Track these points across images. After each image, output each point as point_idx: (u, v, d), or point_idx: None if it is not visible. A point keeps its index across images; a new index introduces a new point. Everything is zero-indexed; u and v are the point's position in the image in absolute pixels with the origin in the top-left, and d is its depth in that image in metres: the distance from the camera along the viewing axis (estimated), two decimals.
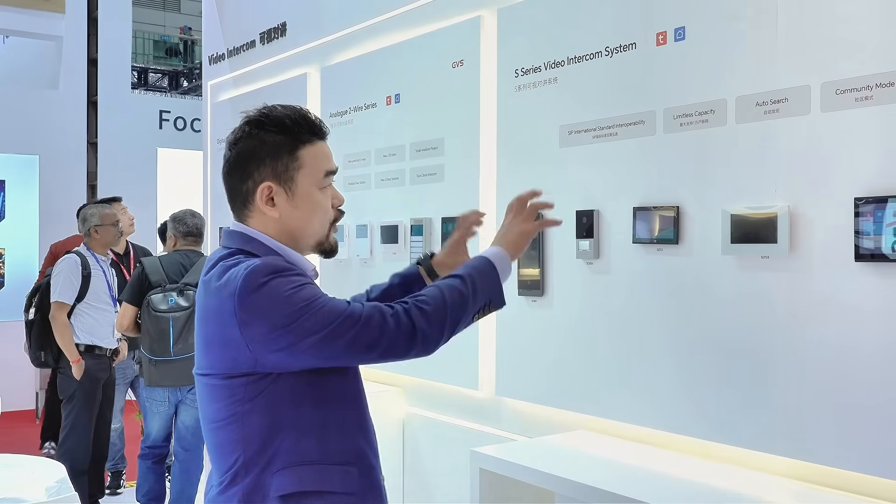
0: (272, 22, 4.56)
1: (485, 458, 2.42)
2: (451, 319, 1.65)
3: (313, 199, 1.68)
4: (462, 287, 1.69)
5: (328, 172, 1.70)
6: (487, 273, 1.75)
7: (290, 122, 1.68)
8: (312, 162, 1.68)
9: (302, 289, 1.57)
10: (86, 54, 10.26)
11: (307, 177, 1.67)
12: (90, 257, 4.86)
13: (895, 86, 1.89)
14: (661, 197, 2.41)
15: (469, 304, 1.69)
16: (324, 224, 1.71)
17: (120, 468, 5.57)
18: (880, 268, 1.91)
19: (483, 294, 1.72)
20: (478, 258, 1.80)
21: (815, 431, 2.04)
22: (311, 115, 1.73)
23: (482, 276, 1.74)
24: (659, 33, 2.41)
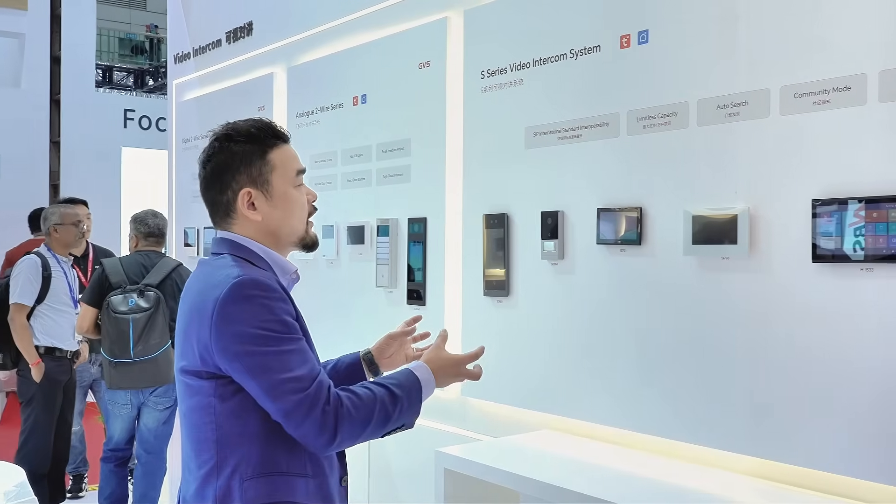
0: (238, 21, 4.53)
1: (449, 458, 2.43)
2: (365, 438, 1.72)
3: (290, 197, 1.79)
4: (391, 410, 1.73)
5: (299, 171, 1.82)
6: (415, 402, 1.80)
7: (255, 130, 1.78)
8: (283, 163, 1.78)
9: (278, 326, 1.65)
10: (48, 52, 10.12)
11: (281, 177, 1.78)
12: (51, 258, 4.78)
13: (852, 90, 1.93)
14: (624, 198, 2.43)
15: (388, 426, 1.75)
16: (302, 219, 1.83)
17: (82, 471, 5.49)
18: (837, 268, 1.95)
19: (403, 418, 1.77)
20: (413, 380, 1.81)
21: (776, 430, 2.07)
22: (272, 123, 1.84)
23: (410, 403, 1.78)
24: (623, 36, 2.44)
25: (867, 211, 1.88)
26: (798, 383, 2.02)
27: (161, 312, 4.08)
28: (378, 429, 1.72)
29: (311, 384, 1.62)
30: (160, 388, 4.17)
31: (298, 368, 1.63)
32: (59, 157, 10.19)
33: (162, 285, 4.14)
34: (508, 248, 2.79)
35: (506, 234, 2.78)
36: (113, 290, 4.10)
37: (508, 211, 2.79)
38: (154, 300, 4.08)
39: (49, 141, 10.07)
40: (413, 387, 1.79)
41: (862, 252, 1.89)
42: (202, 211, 4.99)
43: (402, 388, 1.76)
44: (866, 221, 1.88)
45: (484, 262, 2.86)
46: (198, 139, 4.88)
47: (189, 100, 5.01)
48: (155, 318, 4.07)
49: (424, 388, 1.81)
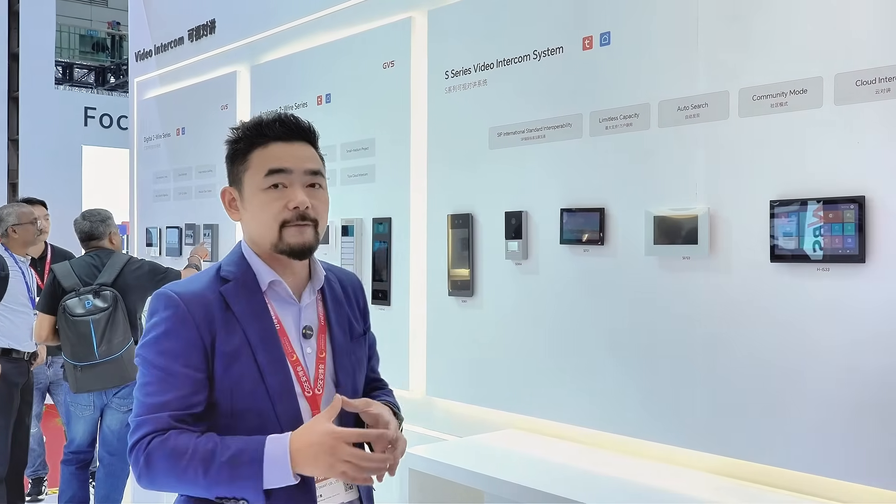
0: (201, 19, 4.49)
1: (415, 458, 2.43)
2: (171, 486, 1.55)
3: (254, 202, 1.64)
4: (201, 477, 1.49)
5: (270, 171, 1.62)
6: (245, 478, 1.49)
7: (251, 126, 1.67)
8: (258, 163, 1.64)
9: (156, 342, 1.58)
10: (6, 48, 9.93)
11: (251, 178, 1.64)
12: (8, 258, 4.70)
13: (808, 92, 1.97)
14: (587, 198, 2.45)
15: (207, 492, 1.52)
16: (268, 225, 1.62)
17: (41, 475, 5.40)
18: (795, 268, 1.98)
19: (232, 490, 1.50)
20: (257, 454, 1.50)
21: (738, 428, 2.10)
22: (267, 119, 1.67)
23: (235, 477, 1.49)
24: (585, 38, 2.46)
25: (823, 212, 1.92)
26: (759, 381, 2.06)
27: (120, 310, 4.02)
28: (190, 486, 1.51)
29: (154, 414, 1.54)
30: (124, 389, 4.11)
31: (153, 396, 1.56)
32: (17, 156, 10.01)
33: (116, 283, 4.08)
34: (473, 248, 2.79)
35: (470, 234, 2.79)
36: (67, 294, 4.03)
37: (473, 211, 2.80)
38: (111, 299, 4.02)
39: (7, 139, 9.89)
40: (251, 456, 1.49)
41: (821, 252, 1.93)
42: (164, 210, 4.96)
43: (236, 454, 1.49)
44: (823, 222, 1.92)
45: (449, 262, 2.87)
46: (160, 138, 4.83)
47: (151, 98, 4.96)
48: (115, 317, 4.01)
49: (268, 464, 1.48)
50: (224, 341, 1.59)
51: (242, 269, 1.66)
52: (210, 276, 1.65)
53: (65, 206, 7.79)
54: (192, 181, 4.50)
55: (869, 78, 1.87)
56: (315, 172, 1.65)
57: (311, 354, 1.68)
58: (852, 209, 1.87)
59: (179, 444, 1.50)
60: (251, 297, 1.63)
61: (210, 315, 1.59)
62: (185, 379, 1.56)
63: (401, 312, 3.09)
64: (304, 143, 1.68)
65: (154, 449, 1.51)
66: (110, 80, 16.32)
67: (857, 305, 1.89)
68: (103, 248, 4.27)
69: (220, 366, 1.58)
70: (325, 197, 1.68)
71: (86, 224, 4.29)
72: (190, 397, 1.55)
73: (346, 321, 1.76)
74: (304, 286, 1.71)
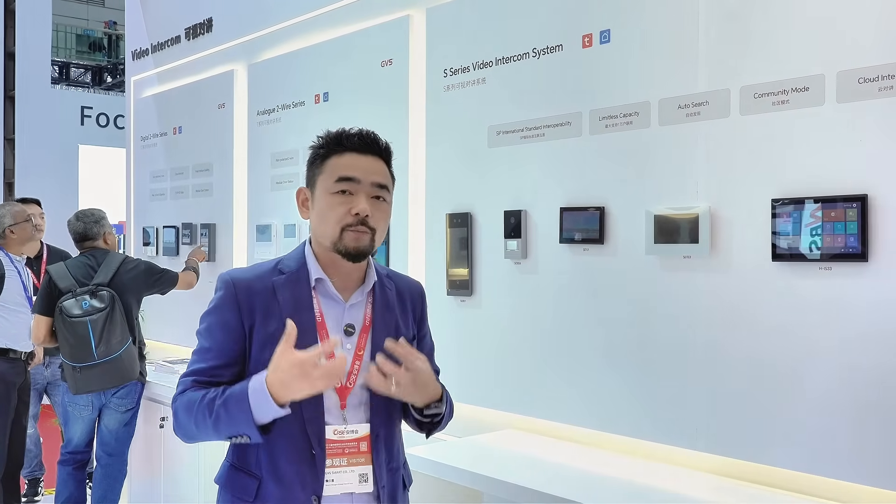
0: (198, 17, 4.47)
1: (413, 458, 2.41)
2: (200, 438, 1.73)
3: (322, 203, 1.76)
4: (207, 414, 1.67)
5: (340, 178, 1.74)
6: (237, 410, 1.63)
7: (333, 136, 1.81)
8: (331, 169, 1.77)
9: (209, 316, 1.78)
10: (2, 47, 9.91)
11: (323, 182, 1.77)
12: (4, 258, 4.68)
13: (810, 91, 1.95)
14: (587, 197, 2.43)
15: (215, 432, 1.68)
16: (333, 227, 1.74)
17: (37, 475, 5.38)
18: (796, 267, 1.97)
19: (231, 426, 1.65)
20: (243, 387, 1.64)
21: (738, 428, 2.09)
22: (349, 130, 1.82)
23: (231, 411, 1.64)
24: (585, 35, 2.44)
25: (824, 211, 1.91)
26: (759, 381, 2.04)
27: (118, 310, 4.00)
28: (205, 431, 1.69)
29: (186, 377, 1.75)
30: (122, 389, 4.09)
31: (192, 364, 1.77)
32: (13, 155, 9.99)
33: (112, 282, 4.06)
34: (472, 247, 2.78)
35: (469, 234, 2.78)
36: (63, 295, 4.01)
37: (472, 210, 2.79)
38: (108, 299, 3.99)
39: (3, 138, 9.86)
40: (239, 394, 1.64)
41: (818, 251, 1.91)
42: (161, 210, 4.94)
43: (228, 395, 1.65)
44: (824, 221, 1.91)
45: (447, 261, 2.86)
46: (157, 137, 4.81)
47: (147, 97, 4.93)
48: (113, 317, 3.98)
49: (252, 395, 1.61)
50: (263, 325, 1.73)
51: (299, 265, 1.80)
52: (269, 267, 1.81)
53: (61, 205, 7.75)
54: (188, 180, 4.48)
55: (871, 76, 1.86)
56: (381, 186, 1.78)
57: (350, 351, 1.78)
58: (854, 208, 1.86)
59: (193, 396, 1.70)
60: (299, 290, 1.77)
61: (255, 300, 1.75)
62: (217, 353, 1.74)
63: None
64: (377, 159, 1.81)
65: (177, 405, 1.72)
66: (107, 80, 16.29)
67: (859, 304, 1.88)
68: (98, 249, 4.24)
69: (256, 347, 1.73)
70: (388, 210, 1.81)
71: (79, 225, 4.26)
72: (218, 369, 1.73)
73: (393, 325, 1.85)
74: (356, 287, 1.82)
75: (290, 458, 1.72)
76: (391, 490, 1.79)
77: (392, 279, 1.92)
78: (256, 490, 1.73)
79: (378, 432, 1.76)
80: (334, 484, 1.72)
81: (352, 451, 1.74)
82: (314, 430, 1.72)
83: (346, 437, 1.74)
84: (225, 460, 1.82)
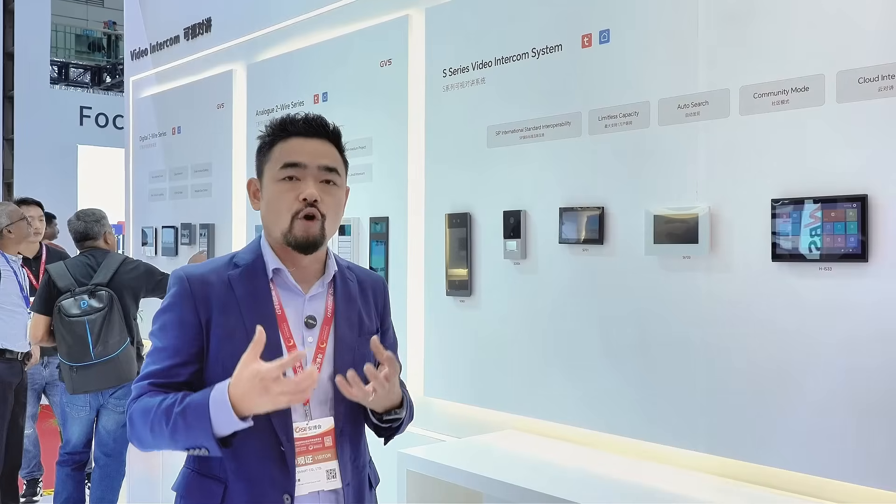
0: (197, 17, 4.46)
1: (412, 459, 2.41)
2: (157, 447, 1.64)
3: (270, 191, 1.72)
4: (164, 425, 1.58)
5: (285, 164, 1.69)
6: (196, 421, 1.55)
7: (278, 122, 1.76)
8: (277, 156, 1.72)
9: (162, 315, 1.72)
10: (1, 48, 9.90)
11: (270, 170, 1.72)
12: (0, 258, 4.68)
13: (810, 90, 1.95)
14: (586, 197, 2.43)
15: (171, 443, 1.60)
16: (281, 215, 1.69)
17: (36, 476, 5.38)
18: (796, 267, 1.96)
19: (189, 438, 1.57)
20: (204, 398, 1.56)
21: (739, 429, 2.08)
22: (294, 116, 1.76)
23: (189, 423, 1.56)
24: (584, 35, 2.44)
25: (824, 211, 1.90)
26: (760, 381, 2.04)
27: (116, 310, 4.00)
28: (162, 440, 1.59)
29: (141, 381, 1.67)
30: (120, 389, 4.08)
31: (147, 367, 1.70)
32: (12, 156, 9.98)
33: (112, 283, 4.05)
34: (471, 247, 2.77)
35: (468, 234, 2.77)
36: (62, 295, 4.00)
37: (471, 210, 2.78)
38: (107, 299, 3.99)
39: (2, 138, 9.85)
40: (199, 404, 1.55)
41: (818, 252, 1.91)
42: (160, 210, 4.94)
43: (188, 404, 1.57)
44: (824, 221, 1.90)
45: (446, 261, 2.85)
46: (156, 137, 4.80)
47: (146, 97, 4.93)
48: (111, 317, 3.98)
49: (213, 405, 1.53)
50: (220, 320, 1.68)
51: (254, 257, 1.75)
52: (223, 262, 1.76)
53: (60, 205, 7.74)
54: (187, 180, 4.47)
55: (871, 75, 1.85)
56: (330, 169, 1.73)
57: (312, 344, 1.73)
58: (854, 208, 1.86)
59: (149, 402, 1.62)
60: (255, 283, 1.72)
61: (211, 295, 1.69)
62: (174, 351, 1.67)
63: (398, 312, 3.05)
64: (325, 141, 1.75)
65: (133, 411, 1.64)
66: (106, 80, 16.28)
67: (860, 305, 1.87)
68: (98, 248, 4.24)
69: (214, 344, 1.67)
70: (339, 195, 1.76)
71: (80, 224, 4.26)
72: (175, 368, 1.66)
73: (356, 317, 1.80)
74: (316, 279, 1.77)
75: (258, 457, 1.65)
76: (357, 487, 1.75)
77: (353, 271, 1.86)
78: (223, 495, 1.65)
79: (342, 427, 1.72)
80: (302, 483, 1.67)
81: (317, 447, 1.69)
82: (281, 424, 1.66)
83: (309, 433, 1.69)
84: (184, 466, 1.74)
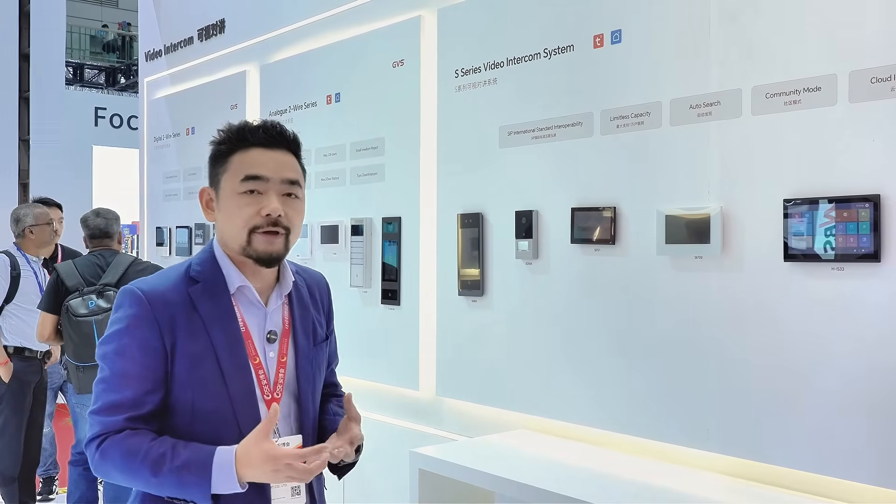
0: (211, 18, 4.49)
1: (424, 458, 2.42)
2: (122, 481, 1.58)
3: (229, 204, 1.64)
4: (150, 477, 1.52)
5: (246, 177, 1.62)
6: (193, 482, 1.52)
7: (235, 129, 1.69)
8: (236, 167, 1.65)
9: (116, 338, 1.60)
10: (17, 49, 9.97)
11: (228, 181, 1.65)
12: (20, 258, 4.72)
13: (822, 90, 1.95)
14: (598, 197, 2.43)
15: (145, 486, 1.56)
16: (240, 229, 1.62)
17: (52, 474, 5.41)
18: (808, 267, 1.96)
19: (179, 492, 1.53)
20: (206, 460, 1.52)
21: (751, 429, 2.08)
22: (251, 123, 1.70)
23: (185, 482, 1.52)
24: (596, 36, 2.44)
25: (837, 211, 1.90)
26: (772, 382, 2.04)
27: None
28: (141, 484, 1.55)
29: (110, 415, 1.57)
30: None
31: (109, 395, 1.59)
32: (28, 156, 10.05)
33: (120, 283, 4.07)
34: (483, 247, 2.78)
35: (480, 234, 2.78)
36: (70, 294, 4.02)
37: (483, 210, 2.79)
38: (114, 299, 4.02)
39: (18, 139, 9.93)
40: (200, 465, 1.51)
41: (832, 252, 1.91)
42: (174, 210, 4.96)
43: (187, 462, 1.52)
44: (836, 221, 1.90)
45: (459, 261, 2.86)
46: (170, 137, 4.83)
47: (160, 98, 4.96)
48: None
49: (216, 475, 1.51)
50: (187, 343, 1.59)
51: (212, 271, 1.66)
52: (179, 276, 1.65)
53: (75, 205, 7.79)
54: (201, 181, 4.50)
55: (884, 75, 1.85)
56: (292, 182, 1.66)
57: (273, 359, 1.69)
58: (867, 208, 1.85)
59: (133, 445, 1.54)
60: (219, 300, 1.64)
61: (174, 316, 1.59)
62: (140, 379, 1.57)
63: (410, 312, 3.08)
64: (286, 152, 1.68)
65: (108, 447, 1.55)
66: (120, 81, 16.38)
67: (872, 305, 1.87)
68: (109, 248, 4.27)
69: (181, 367, 1.59)
70: (301, 207, 1.69)
71: (101, 221, 4.28)
72: (143, 397, 1.58)
73: (310, 326, 1.77)
74: (271, 289, 1.72)
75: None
76: (320, 496, 1.76)
77: (301, 275, 1.81)
78: None
79: (306, 443, 1.68)
80: (276, 500, 1.64)
81: None
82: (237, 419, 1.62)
83: None
84: (140, 492, 1.62)
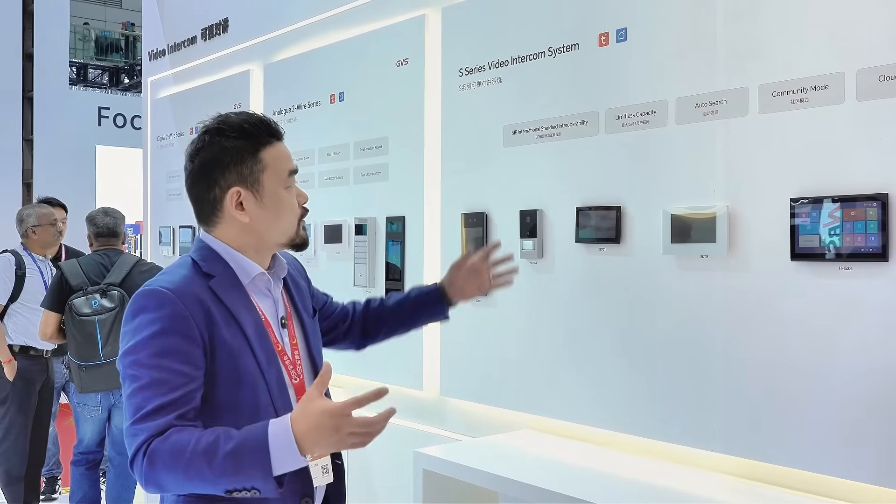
0: (214, 18, 4.48)
1: (428, 458, 2.41)
2: (177, 485, 1.49)
3: (281, 199, 1.69)
4: (206, 469, 1.44)
5: (291, 171, 1.72)
6: (252, 465, 1.43)
7: (248, 126, 1.68)
8: (275, 163, 1.69)
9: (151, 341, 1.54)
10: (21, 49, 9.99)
11: (272, 178, 1.68)
12: (26, 257, 4.73)
13: (830, 89, 1.93)
14: (603, 197, 2.42)
15: (214, 485, 1.46)
16: (293, 222, 1.73)
17: (55, 473, 5.42)
18: (815, 267, 1.95)
19: (239, 480, 1.44)
20: (261, 439, 1.44)
21: (756, 429, 2.07)
22: (266, 118, 1.73)
23: (241, 466, 1.44)
24: (601, 34, 2.43)
25: (844, 210, 1.89)
26: (778, 382, 2.02)
27: None
28: (198, 482, 1.45)
29: (158, 417, 1.49)
30: None
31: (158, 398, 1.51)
32: (32, 156, 10.06)
33: (124, 283, 4.07)
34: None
35: (485, 233, 2.77)
36: (74, 293, 4.02)
37: (487, 209, 2.78)
38: (118, 299, 4.01)
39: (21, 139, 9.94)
40: (256, 443, 1.44)
41: (840, 251, 1.89)
42: (177, 210, 4.96)
43: (240, 443, 1.44)
44: (844, 220, 1.89)
45: None
46: (173, 137, 4.83)
47: (164, 97, 4.96)
48: (121, 317, 4.01)
49: (274, 450, 1.43)
50: (224, 336, 1.58)
51: (221, 266, 1.67)
52: (191, 272, 1.64)
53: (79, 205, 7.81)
54: None
55: (892, 73, 1.83)
56: None
57: (288, 343, 1.73)
58: (875, 207, 1.84)
59: (181, 440, 1.46)
60: (237, 291, 1.66)
61: (206, 310, 1.59)
62: (187, 377, 1.53)
63: None
64: None
65: (155, 450, 1.46)
66: (124, 81, 16.39)
67: (880, 305, 1.85)
68: (114, 248, 4.27)
69: (223, 360, 1.58)
70: None
71: (110, 220, 4.29)
72: (193, 394, 1.53)
73: (307, 301, 1.85)
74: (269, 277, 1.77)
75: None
76: (339, 478, 1.75)
77: (284, 257, 1.84)
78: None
79: None
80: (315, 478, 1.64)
81: None
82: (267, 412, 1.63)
83: None
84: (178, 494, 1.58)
